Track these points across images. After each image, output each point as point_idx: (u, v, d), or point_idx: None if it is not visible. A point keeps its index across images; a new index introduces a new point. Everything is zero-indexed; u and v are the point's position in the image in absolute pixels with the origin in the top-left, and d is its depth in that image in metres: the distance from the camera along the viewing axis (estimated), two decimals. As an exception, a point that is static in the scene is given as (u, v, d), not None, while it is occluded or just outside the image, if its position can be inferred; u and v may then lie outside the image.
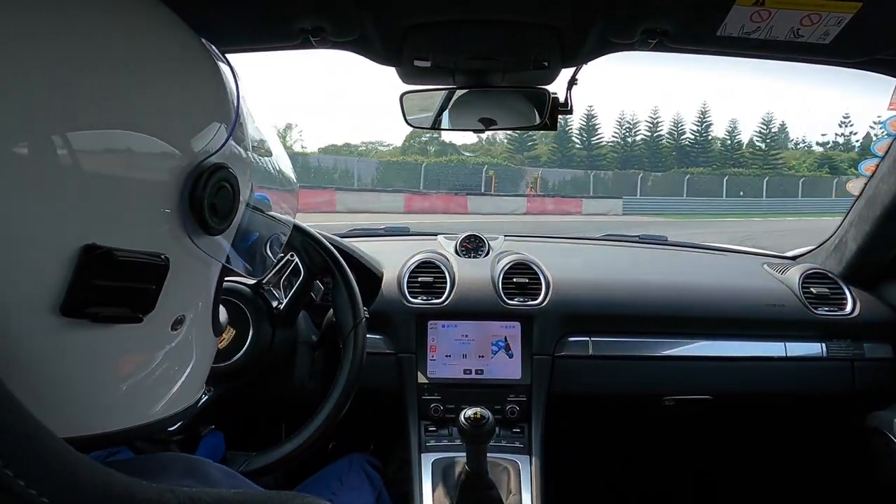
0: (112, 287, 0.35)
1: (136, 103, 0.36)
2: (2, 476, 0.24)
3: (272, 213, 0.56)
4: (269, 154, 0.53)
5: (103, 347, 0.37)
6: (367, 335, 0.96)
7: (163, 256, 0.38)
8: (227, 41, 0.92)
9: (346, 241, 1.25)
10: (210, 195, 0.40)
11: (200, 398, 0.50)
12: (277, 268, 0.97)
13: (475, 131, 1.13)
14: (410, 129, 1.14)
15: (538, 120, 1.04)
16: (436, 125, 1.09)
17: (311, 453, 0.87)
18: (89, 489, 0.28)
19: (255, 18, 0.83)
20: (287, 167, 0.57)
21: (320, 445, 0.88)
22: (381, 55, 0.95)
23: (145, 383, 0.42)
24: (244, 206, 0.47)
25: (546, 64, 0.94)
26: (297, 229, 0.95)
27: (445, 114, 1.07)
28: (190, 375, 0.46)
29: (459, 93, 1.05)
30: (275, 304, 0.96)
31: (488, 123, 1.10)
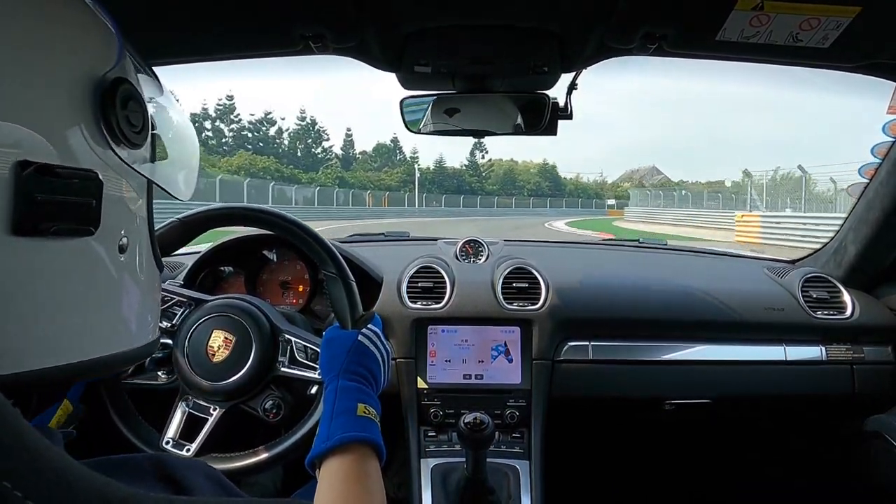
0: (55, 202, 0.37)
1: (27, 29, 0.37)
2: (1, 489, 0.25)
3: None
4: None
5: (62, 268, 0.39)
6: None
7: (93, 171, 0.40)
8: (231, 48, 0.93)
9: (345, 246, 1.25)
10: (120, 107, 0.42)
11: (156, 344, 0.51)
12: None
13: (475, 136, 1.13)
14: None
15: (538, 125, 1.04)
16: (435, 131, 1.09)
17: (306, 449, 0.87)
18: (86, 498, 0.28)
19: (257, 26, 0.84)
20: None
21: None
22: (381, 61, 0.95)
23: (101, 310, 0.43)
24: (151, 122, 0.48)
25: (545, 69, 0.95)
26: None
27: (445, 119, 1.07)
28: (140, 309, 0.48)
29: (459, 98, 1.05)
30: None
31: (488, 128, 1.10)
